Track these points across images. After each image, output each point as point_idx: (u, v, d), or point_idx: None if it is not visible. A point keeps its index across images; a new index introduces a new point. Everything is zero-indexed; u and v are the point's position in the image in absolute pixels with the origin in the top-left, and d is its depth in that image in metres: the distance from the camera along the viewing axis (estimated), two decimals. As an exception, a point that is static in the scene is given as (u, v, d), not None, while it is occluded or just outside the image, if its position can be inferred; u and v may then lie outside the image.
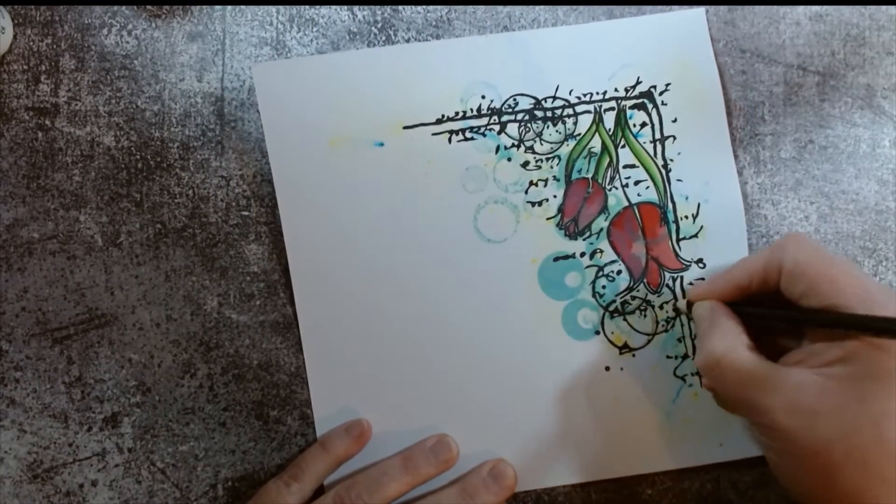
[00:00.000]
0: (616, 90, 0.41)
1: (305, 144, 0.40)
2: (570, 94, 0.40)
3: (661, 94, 0.41)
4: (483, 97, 0.40)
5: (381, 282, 0.40)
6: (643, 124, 0.41)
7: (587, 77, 0.41)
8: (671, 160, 0.40)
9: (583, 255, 0.40)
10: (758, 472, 0.40)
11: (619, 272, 0.40)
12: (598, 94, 0.41)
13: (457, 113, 0.40)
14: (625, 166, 0.40)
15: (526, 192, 0.40)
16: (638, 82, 0.41)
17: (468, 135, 0.40)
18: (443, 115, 0.40)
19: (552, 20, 0.41)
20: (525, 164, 0.40)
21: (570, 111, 0.40)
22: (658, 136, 0.41)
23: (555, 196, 0.40)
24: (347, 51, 0.41)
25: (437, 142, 0.40)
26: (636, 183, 0.40)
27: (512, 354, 0.40)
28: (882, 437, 0.29)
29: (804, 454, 0.30)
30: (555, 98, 0.40)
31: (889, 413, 0.29)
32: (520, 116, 0.40)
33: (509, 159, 0.40)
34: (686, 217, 0.40)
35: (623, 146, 0.40)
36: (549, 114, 0.41)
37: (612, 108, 0.41)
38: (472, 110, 0.40)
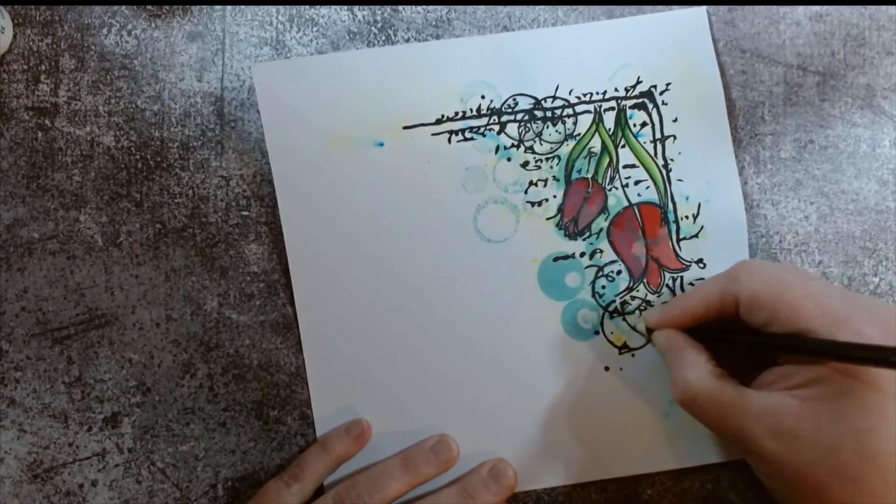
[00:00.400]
0: (616, 90, 0.41)
1: (305, 144, 0.40)
2: (569, 93, 0.40)
3: (661, 93, 0.41)
4: (483, 97, 0.40)
5: (381, 282, 0.40)
6: (643, 124, 0.41)
7: (587, 77, 0.41)
8: (671, 160, 0.40)
9: (582, 255, 0.40)
10: (758, 472, 0.40)
11: (618, 272, 0.40)
12: (598, 93, 0.41)
13: (456, 113, 0.40)
14: (625, 166, 0.40)
15: (526, 192, 0.40)
16: (638, 82, 0.41)
17: (468, 135, 0.40)
18: (442, 116, 0.40)
19: (552, 20, 0.41)
20: (525, 164, 0.40)
21: (569, 111, 0.40)
22: (658, 135, 0.41)
23: (554, 196, 0.40)
24: (347, 51, 0.41)
25: (437, 142, 0.40)
26: (636, 183, 0.40)
27: (512, 354, 0.40)
28: (864, 452, 0.29)
29: (792, 477, 0.31)
30: (554, 98, 0.40)
31: (867, 428, 0.29)
32: (519, 116, 0.40)
33: (509, 159, 0.40)
34: (686, 217, 0.40)
35: (623, 146, 0.40)
36: (548, 114, 0.41)
37: (612, 108, 0.41)
38: (471, 110, 0.40)
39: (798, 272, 0.34)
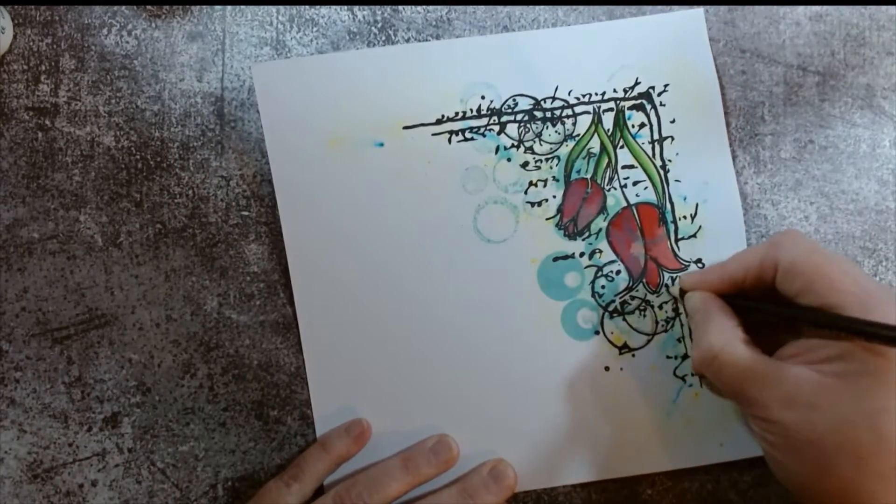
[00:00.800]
0: (615, 91, 0.41)
1: (305, 144, 0.40)
2: (569, 94, 0.41)
3: (659, 94, 0.41)
4: (483, 97, 0.40)
5: (381, 282, 0.40)
6: (642, 125, 0.41)
7: (586, 78, 0.41)
8: (669, 161, 0.41)
9: (582, 255, 0.40)
10: (758, 472, 0.40)
11: (618, 272, 0.40)
12: (596, 94, 0.41)
13: (456, 113, 0.40)
14: (623, 167, 0.41)
15: (525, 193, 0.40)
16: (636, 83, 0.41)
17: (468, 135, 0.40)
18: (443, 116, 0.40)
19: (552, 20, 0.41)
20: (524, 165, 0.40)
21: (569, 112, 0.41)
22: (656, 136, 0.41)
23: (554, 196, 0.40)
24: (347, 51, 0.41)
25: (437, 142, 0.40)
26: (635, 183, 0.40)
27: (511, 354, 0.40)
28: (877, 432, 0.29)
29: (799, 446, 0.31)
30: (554, 99, 0.41)
31: (884, 409, 0.29)
32: (519, 117, 0.40)
33: (509, 160, 0.40)
34: (684, 217, 0.40)
35: (622, 147, 0.41)
36: (548, 114, 0.41)
37: (610, 109, 0.41)
38: (471, 111, 0.40)
39: (841, 256, 0.34)
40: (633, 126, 0.41)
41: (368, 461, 0.40)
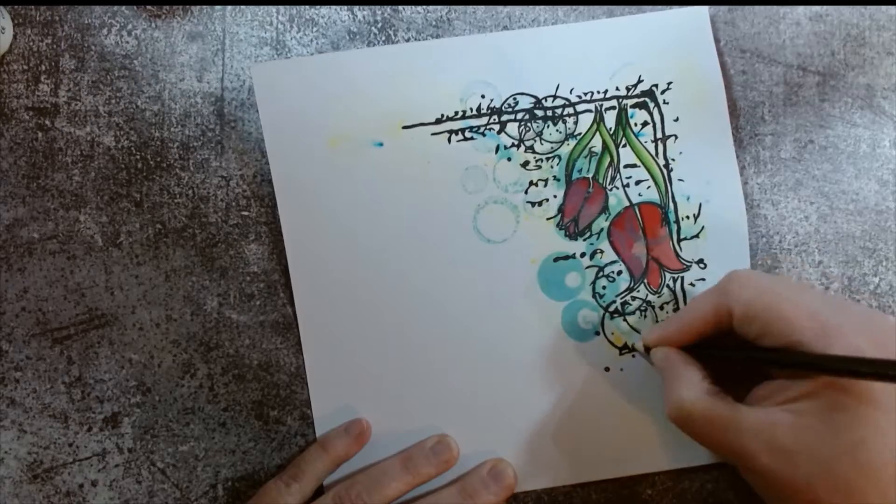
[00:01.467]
0: (617, 89, 0.41)
1: (305, 144, 0.40)
2: (570, 93, 0.40)
3: (662, 92, 0.40)
4: (483, 97, 0.40)
5: (381, 282, 0.40)
6: (644, 123, 0.40)
7: (588, 76, 0.41)
8: (672, 160, 0.40)
9: (583, 255, 0.40)
10: (758, 472, 0.40)
11: (619, 272, 0.40)
12: (598, 92, 0.40)
13: (456, 113, 0.40)
14: (626, 166, 0.40)
15: (526, 192, 0.40)
16: (639, 81, 0.41)
17: (468, 134, 0.40)
18: (442, 115, 0.40)
19: (552, 20, 0.41)
20: (525, 164, 0.40)
21: (570, 110, 0.40)
22: (659, 135, 0.40)
23: (555, 196, 0.40)
24: (347, 51, 0.41)
25: (437, 142, 0.40)
26: (637, 183, 0.40)
27: (512, 355, 0.40)
28: (860, 465, 0.29)
29: (790, 492, 0.31)
30: (555, 97, 0.40)
31: (862, 441, 0.29)
32: (520, 116, 0.40)
33: (509, 159, 0.40)
34: (687, 217, 0.40)
35: (624, 145, 0.40)
36: (549, 113, 0.40)
37: (613, 108, 0.40)
38: (471, 110, 0.40)
39: (790, 282, 0.34)
40: (635, 125, 0.41)
41: (368, 461, 0.40)
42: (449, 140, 0.40)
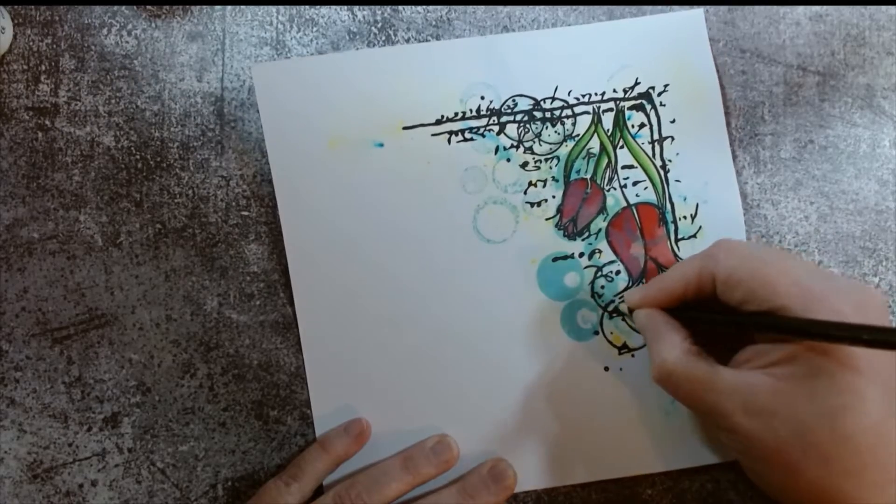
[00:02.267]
0: (615, 91, 0.41)
1: (305, 145, 0.40)
2: (568, 94, 0.41)
3: (659, 94, 0.41)
4: (482, 98, 0.40)
5: (381, 282, 0.40)
6: (642, 125, 0.41)
7: (586, 78, 0.41)
8: (670, 161, 0.41)
9: (581, 255, 0.40)
10: (757, 472, 0.40)
11: (617, 272, 0.40)
12: (596, 94, 0.41)
13: (456, 114, 0.40)
14: (623, 167, 0.41)
15: (525, 193, 0.40)
16: (636, 83, 0.41)
17: (467, 135, 0.40)
18: (442, 116, 0.40)
19: (552, 20, 0.41)
20: (524, 165, 0.40)
21: (568, 112, 0.41)
22: (656, 136, 0.41)
23: (554, 196, 0.40)
24: (347, 51, 0.41)
25: (437, 142, 0.40)
26: (635, 183, 0.40)
27: (511, 355, 0.40)
28: (837, 431, 0.29)
29: (766, 454, 0.31)
30: (554, 99, 0.41)
31: (840, 407, 0.29)
32: (519, 117, 0.40)
33: (508, 160, 0.40)
34: (684, 217, 0.40)
35: (622, 147, 0.41)
36: (548, 114, 0.41)
37: (610, 109, 0.41)
38: (471, 111, 0.40)
39: (775, 250, 0.34)
40: (632, 126, 0.41)
41: (368, 461, 0.40)
42: (449, 141, 0.40)
